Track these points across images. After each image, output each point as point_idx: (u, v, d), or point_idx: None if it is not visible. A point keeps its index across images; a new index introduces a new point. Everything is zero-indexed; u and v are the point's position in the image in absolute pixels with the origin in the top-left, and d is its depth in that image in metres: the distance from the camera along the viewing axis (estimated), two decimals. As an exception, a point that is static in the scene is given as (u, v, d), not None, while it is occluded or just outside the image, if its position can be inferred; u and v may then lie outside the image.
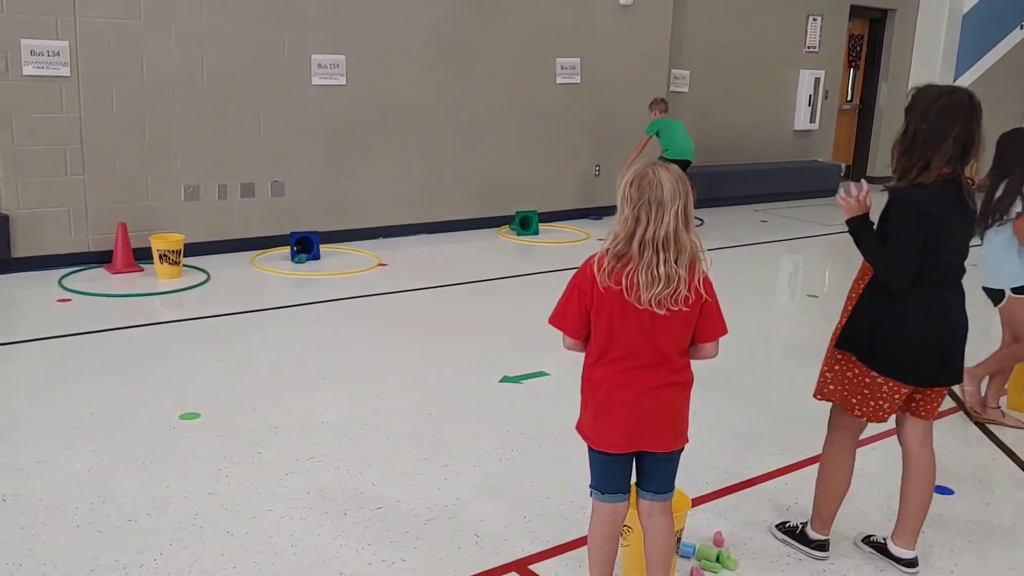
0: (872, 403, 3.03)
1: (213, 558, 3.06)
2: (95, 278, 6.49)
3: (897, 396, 3.01)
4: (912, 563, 3.17)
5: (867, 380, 3.02)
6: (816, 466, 3.26)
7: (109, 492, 3.48)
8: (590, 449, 2.67)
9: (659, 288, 2.43)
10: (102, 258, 6.77)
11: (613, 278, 2.47)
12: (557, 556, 3.16)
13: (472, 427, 4.24)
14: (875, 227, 2.99)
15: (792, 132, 11.88)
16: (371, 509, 3.43)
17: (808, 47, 11.75)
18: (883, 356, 2.97)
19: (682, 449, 2.68)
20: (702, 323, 2.57)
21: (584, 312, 2.55)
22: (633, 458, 2.68)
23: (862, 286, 3.06)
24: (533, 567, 3.10)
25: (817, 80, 11.83)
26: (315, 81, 7.53)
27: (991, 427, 4.51)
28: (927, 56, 12.85)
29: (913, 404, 3.12)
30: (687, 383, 2.63)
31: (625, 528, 2.96)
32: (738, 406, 4.64)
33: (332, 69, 7.59)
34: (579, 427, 2.69)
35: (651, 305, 2.45)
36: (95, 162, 6.69)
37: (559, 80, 9.00)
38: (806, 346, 5.88)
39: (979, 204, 3.66)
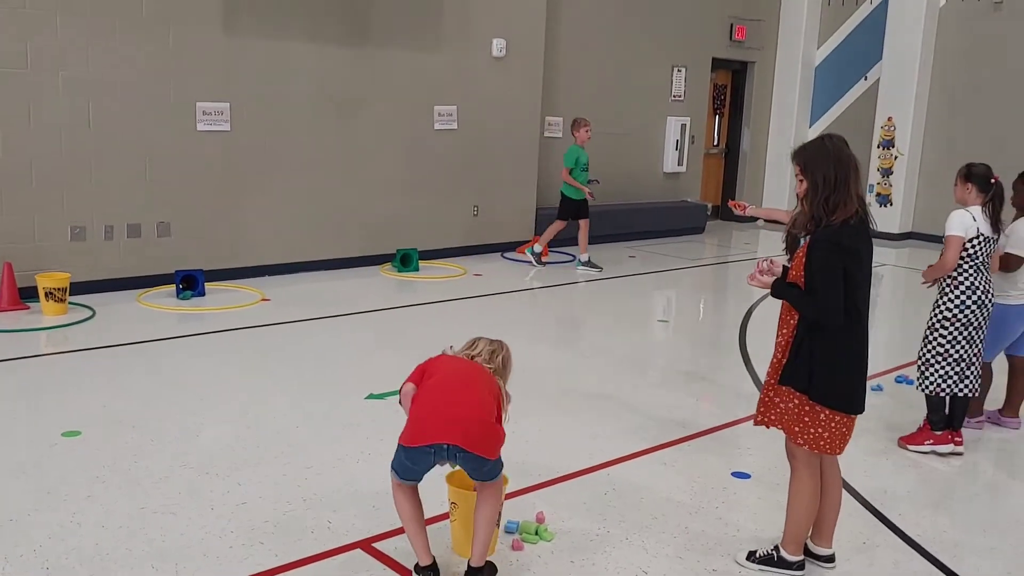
0: (812, 431, 3.26)
1: (88, 548, 3.44)
2: (-20, 316, 6.72)
3: (845, 429, 3.28)
4: (831, 559, 3.54)
5: (807, 408, 3.27)
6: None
7: (-8, 498, 3.81)
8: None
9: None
10: (-12, 297, 6.99)
11: None
12: (399, 535, 3.63)
13: (337, 436, 4.70)
14: (790, 277, 3.29)
15: (662, 174, 12.76)
16: (236, 504, 3.86)
17: (674, 96, 12.68)
18: (828, 390, 3.22)
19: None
20: None
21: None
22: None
23: (792, 323, 3.29)
24: (376, 544, 3.58)
25: (683, 126, 12.75)
26: (200, 127, 7.94)
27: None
28: (785, 104, 14.00)
29: None
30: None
31: (452, 505, 3.48)
32: (581, 412, 5.21)
33: (217, 116, 8.01)
34: None
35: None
36: (-19, 204, 6.95)
37: (437, 126, 9.60)
38: (648, 363, 6.53)
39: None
